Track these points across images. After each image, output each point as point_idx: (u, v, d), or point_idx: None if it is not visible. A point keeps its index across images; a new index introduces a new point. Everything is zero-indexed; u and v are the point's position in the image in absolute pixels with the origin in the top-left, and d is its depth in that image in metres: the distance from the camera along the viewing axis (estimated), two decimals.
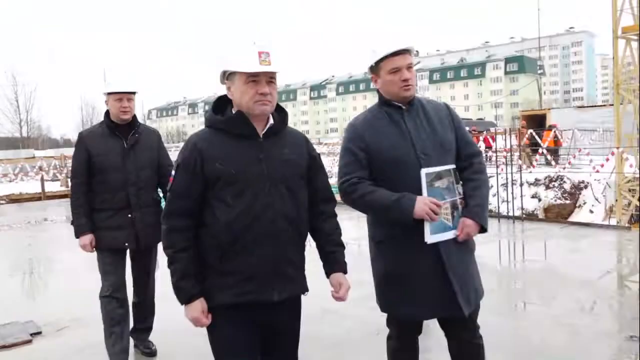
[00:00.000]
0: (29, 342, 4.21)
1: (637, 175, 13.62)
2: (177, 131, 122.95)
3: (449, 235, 2.38)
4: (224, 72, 2.10)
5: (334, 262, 2.24)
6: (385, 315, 2.60)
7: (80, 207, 3.51)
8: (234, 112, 2.10)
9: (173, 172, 2.10)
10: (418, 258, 2.37)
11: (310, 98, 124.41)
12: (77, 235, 3.51)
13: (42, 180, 18.29)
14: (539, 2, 52.55)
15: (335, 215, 2.32)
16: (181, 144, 11.13)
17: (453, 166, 2.43)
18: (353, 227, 7.28)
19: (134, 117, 3.64)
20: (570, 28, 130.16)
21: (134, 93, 3.58)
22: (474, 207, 2.42)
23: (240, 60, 2.02)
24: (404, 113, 2.42)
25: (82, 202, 3.51)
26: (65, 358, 3.93)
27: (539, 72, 63.64)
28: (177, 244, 2.05)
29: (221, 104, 2.16)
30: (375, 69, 2.44)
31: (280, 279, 2.08)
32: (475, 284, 2.49)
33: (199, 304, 2.05)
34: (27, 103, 48.25)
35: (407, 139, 2.37)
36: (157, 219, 2.85)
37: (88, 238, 3.49)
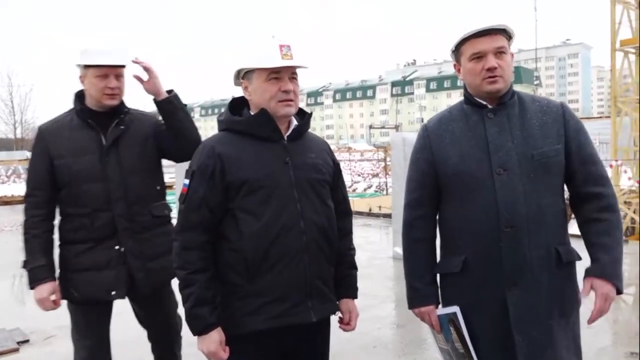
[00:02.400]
0: (15, 350, 4.10)
1: (634, 188, 13.64)
2: None
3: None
4: (239, 71, 1.90)
5: (346, 286, 2.06)
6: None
7: (37, 239, 2.36)
8: (252, 113, 1.90)
9: (186, 181, 1.87)
10: (480, 302, 1.87)
11: (307, 104, 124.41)
12: (32, 284, 2.36)
13: None
14: (536, 14, 53.05)
15: (351, 232, 2.14)
16: None
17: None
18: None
19: (121, 102, 2.47)
20: (567, 40, 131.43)
21: (124, 67, 2.42)
22: (609, 264, 1.80)
23: (259, 55, 1.82)
24: (487, 114, 1.87)
25: (40, 232, 2.37)
26: None
27: (536, 82, 64.20)
28: (191, 264, 1.79)
29: (236, 105, 1.97)
30: (456, 54, 1.92)
31: (315, 297, 1.87)
32: (559, 356, 1.83)
33: (217, 335, 1.80)
34: (22, 104, 47.97)
35: (483, 149, 1.83)
36: (168, 247, 2.25)
37: (47, 289, 2.35)
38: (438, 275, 2.03)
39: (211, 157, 1.83)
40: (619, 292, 1.82)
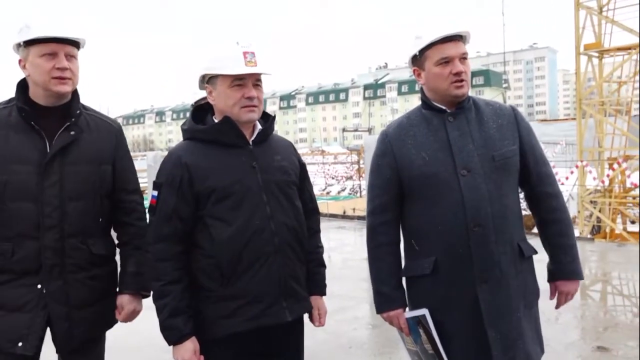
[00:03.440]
0: None
1: (599, 188, 14.05)
2: (144, 140, 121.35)
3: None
4: (204, 76, 1.92)
5: (315, 284, 2.08)
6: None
7: None
8: (215, 119, 1.92)
9: (155, 193, 1.87)
10: (452, 301, 1.91)
11: (280, 108, 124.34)
12: None
13: None
14: (503, 19, 54.35)
15: (319, 231, 2.17)
16: (148, 153, 10.77)
17: None
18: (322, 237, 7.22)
19: (75, 94, 1.97)
20: (534, 44, 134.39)
21: (77, 45, 1.93)
22: (568, 264, 1.97)
23: (223, 62, 1.85)
24: (447, 118, 1.93)
25: None
26: None
27: (504, 85, 65.46)
28: (166, 275, 1.82)
29: (200, 112, 1.98)
30: (418, 60, 1.94)
31: (289, 296, 1.91)
32: (527, 347, 1.92)
33: (191, 344, 1.82)
34: None
35: (447, 151, 1.89)
36: (105, 293, 2.01)
37: None
38: (404, 278, 2.05)
39: (178, 168, 1.86)
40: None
